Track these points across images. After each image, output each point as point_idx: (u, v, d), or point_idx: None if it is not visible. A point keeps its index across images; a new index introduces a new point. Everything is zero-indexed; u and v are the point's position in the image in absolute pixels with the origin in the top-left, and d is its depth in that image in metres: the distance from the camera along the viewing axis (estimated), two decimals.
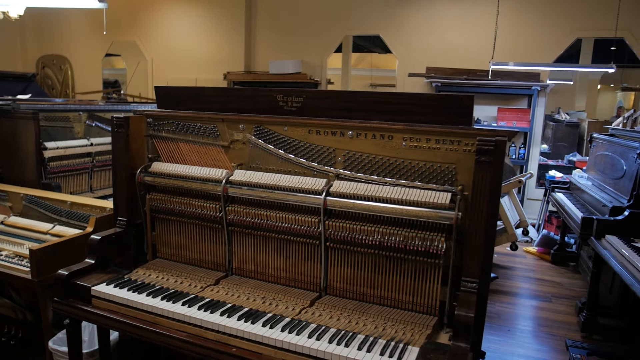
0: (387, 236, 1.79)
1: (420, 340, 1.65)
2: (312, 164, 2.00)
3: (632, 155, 3.39)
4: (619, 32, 5.75)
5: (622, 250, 2.82)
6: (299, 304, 1.91)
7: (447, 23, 6.60)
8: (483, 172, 1.57)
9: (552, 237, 5.29)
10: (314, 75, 7.23)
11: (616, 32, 5.71)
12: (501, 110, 6.36)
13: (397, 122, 1.80)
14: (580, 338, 3.38)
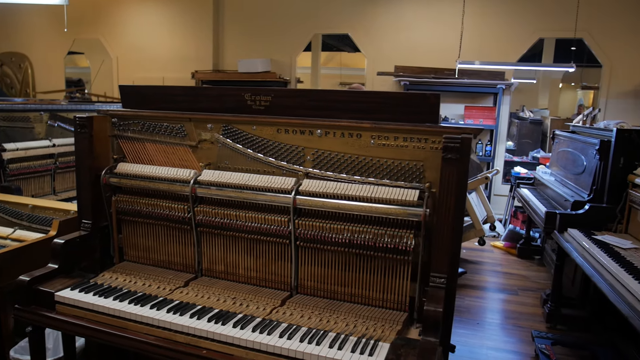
0: (356, 234, 1.80)
1: (391, 336, 1.67)
2: (281, 163, 1.99)
3: (591, 151, 3.51)
4: (578, 32, 5.95)
5: (583, 243, 2.92)
6: (270, 303, 1.91)
7: (415, 22, 6.69)
8: (450, 169, 1.60)
9: (518, 231, 5.43)
10: (283, 74, 7.21)
11: (575, 33, 5.91)
12: (468, 108, 6.49)
13: (365, 120, 1.81)
14: (545, 328, 3.49)
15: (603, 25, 6.08)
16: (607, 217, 3.23)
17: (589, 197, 3.39)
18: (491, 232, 5.02)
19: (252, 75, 7.00)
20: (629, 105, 6.11)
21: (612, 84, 6.18)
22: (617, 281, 2.35)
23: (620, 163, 3.18)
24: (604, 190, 3.28)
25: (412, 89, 6.38)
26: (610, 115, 6.08)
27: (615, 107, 6.16)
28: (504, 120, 6.56)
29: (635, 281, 2.23)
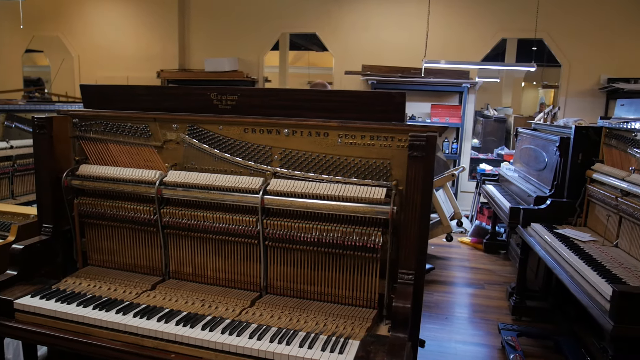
0: (325, 233, 1.80)
1: (361, 334, 1.68)
2: (248, 162, 1.97)
3: (552, 148, 3.62)
4: (538, 33, 6.13)
5: (545, 236, 3.02)
6: (239, 304, 1.89)
7: (381, 22, 6.75)
8: (416, 166, 1.62)
9: (484, 227, 5.56)
10: (251, 73, 7.16)
11: (535, 34, 6.08)
12: (434, 107, 6.59)
13: (333, 119, 1.81)
14: (511, 321, 3.58)
15: (561, 26, 6.28)
16: (567, 211, 3.34)
17: (550, 192, 3.50)
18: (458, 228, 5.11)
19: (220, 75, 6.92)
20: (586, 104, 6.34)
21: (570, 83, 6.39)
22: (577, 272, 2.44)
23: (579, 159, 3.29)
24: (564, 186, 3.39)
25: (380, 88, 6.44)
26: (570, 113, 6.29)
27: (574, 105, 6.38)
28: (469, 118, 6.70)
29: (594, 272, 2.31)
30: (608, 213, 2.92)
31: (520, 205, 3.70)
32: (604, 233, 2.94)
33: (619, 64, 6.19)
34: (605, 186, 2.95)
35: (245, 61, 7.26)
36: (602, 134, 3.21)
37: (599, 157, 3.21)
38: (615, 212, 2.80)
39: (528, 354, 3.05)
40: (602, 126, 3.23)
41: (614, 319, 1.93)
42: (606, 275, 2.26)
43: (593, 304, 2.15)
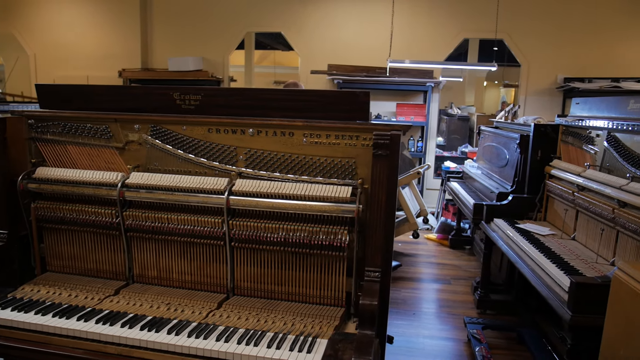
0: (291, 232, 1.80)
1: (329, 332, 1.69)
2: (213, 163, 1.95)
3: (512, 145, 3.73)
4: (498, 34, 6.29)
5: (507, 231, 3.10)
6: (205, 307, 1.87)
7: (346, 21, 6.79)
8: (380, 165, 1.64)
9: (450, 223, 5.67)
10: (215, 72, 7.07)
11: (496, 34, 6.25)
12: (400, 106, 6.68)
13: (298, 119, 1.81)
14: (476, 314, 3.67)
15: (520, 28, 6.47)
16: (528, 206, 3.45)
17: (512, 188, 3.61)
18: (424, 225, 5.21)
19: (184, 74, 6.81)
20: (545, 102, 6.55)
21: (530, 82, 6.59)
22: (537, 265, 2.52)
23: (538, 156, 3.40)
24: (525, 182, 3.50)
25: (346, 87, 6.48)
26: (529, 111, 6.49)
27: (533, 104, 6.59)
28: (433, 117, 6.82)
29: (553, 265, 2.39)
30: (566, 207, 3.03)
31: (484, 201, 3.79)
32: (562, 227, 3.05)
33: (574, 64, 6.43)
34: (563, 182, 3.06)
35: (210, 60, 7.17)
36: (559, 131, 3.33)
37: (557, 154, 3.33)
38: (572, 206, 2.90)
39: (493, 346, 3.13)
40: (559, 124, 3.34)
41: (572, 309, 2.01)
42: (564, 267, 2.34)
43: (552, 295, 2.23)
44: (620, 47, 6.35)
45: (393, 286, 4.17)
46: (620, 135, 2.56)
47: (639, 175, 2.32)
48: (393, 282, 4.26)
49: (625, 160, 2.46)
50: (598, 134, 2.81)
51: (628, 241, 2.30)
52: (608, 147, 2.64)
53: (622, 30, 6.31)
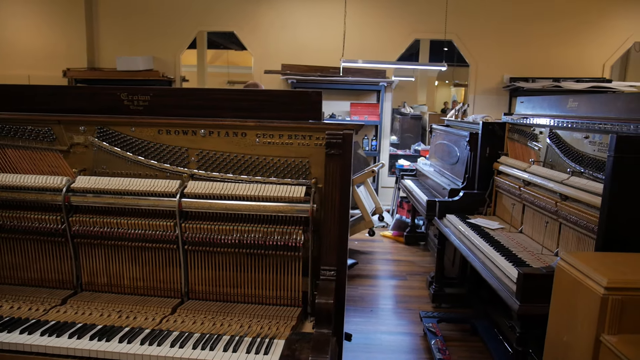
0: (246, 234, 1.78)
1: (286, 333, 1.68)
2: (164, 165, 1.91)
3: (462, 143, 3.85)
4: (447, 35, 6.48)
5: (458, 226, 3.19)
6: (159, 313, 1.82)
7: (300, 21, 6.79)
8: (333, 164, 1.65)
9: (404, 220, 5.79)
10: (167, 72, 6.90)
11: (445, 35, 6.43)
12: (354, 105, 6.75)
13: (250, 119, 1.80)
14: (432, 308, 3.76)
15: (468, 29, 6.68)
16: (478, 202, 3.56)
17: (463, 184, 3.72)
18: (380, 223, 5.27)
19: (133, 74, 6.60)
20: (492, 101, 6.80)
21: (478, 82, 6.82)
22: (487, 258, 2.61)
23: (487, 153, 3.52)
24: (475, 178, 3.61)
25: (300, 87, 6.48)
26: (478, 110, 6.72)
27: (482, 103, 6.82)
28: (387, 116, 6.93)
29: (502, 257, 2.48)
30: (513, 202, 3.15)
31: (436, 198, 3.88)
32: (510, 220, 3.17)
33: (519, 64, 6.70)
34: (510, 177, 3.18)
35: (161, 60, 6.99)
36: (506, 129, 3.46)
37: (504, 151, 3.46)
38: (519, 200, 3.03)
39: (448, 338, 3.21)
40: (505, 122, 3.48)
41: (520, 298, 2.09)
42: (512, 260, 2.44)
43: (502, 287, 2.31)
44: (560, 49, 6.68)
45: (350, 284, 4.21)
46: (560, 132, 2.69)
47: (578, 170, 2.44)
48: (350, 280, 4.31)
49: (565, 155, 2.59)
50: (541, 131, 2.94)
51: (570, 232, 2.42)
52: (550, 143, 2.77)
53: (561, 34, 6.64)
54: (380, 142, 6.82)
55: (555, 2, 6.59)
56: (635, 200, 1.89)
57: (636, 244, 1.90)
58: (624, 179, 1.87)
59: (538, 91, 6.19)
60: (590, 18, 6.61)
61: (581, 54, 6.69)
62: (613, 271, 1.53)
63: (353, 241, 5.46)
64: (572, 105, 2.72)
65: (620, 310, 1.44)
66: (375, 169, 4.57)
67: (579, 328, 1.57)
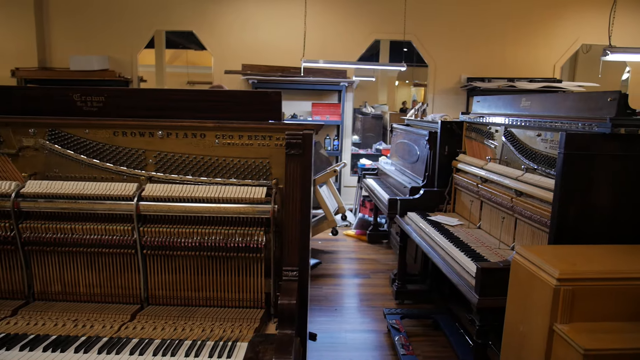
0: (207, 236, 1.76)
1: (249, 335, 1.67)
2: (120, 168, 1.85)
3: (422, 141, 3.92)
4: (406, 35, 6.59)
5: (419, 224, 3.25)
6: (117, 320, 1.77)
7: (260, 21, 6.75)
8: (294, 164, 1.65)
9: (367, 219, 5.85)
10: (123, 72, 6.72)
11: (404, 36, 6.54)
12: (315, 105, 6.77)
13: (209, 120, 1.77)
14: (395, 305, 3.81)
15: (426, 30, 6.82)
16: (438, 199, 3.64)
17: (423, 182, 3.79)
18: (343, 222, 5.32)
19: (88, 74, 6.39)
20: (450, 100, 6.96)
21: (437, 82, 6.97)
22: (448, 255, 2.67)
23: (446, 151, 3.60)
24: (435, 176, 3.69)
25: (261, 87, 6.44)
26: (437, 109, 6.87)
27: (441, 102, 6.98)
28: (348, 115, 6.99)
29: (462, 253, 2.54)
30: (471, 199, 3.23)
31: (398, 196, 3.94)
32: (469, 217, 3.26)
33: (476, 65, 6.90)
34: (468, 175, 3.26)
35: (118, 60, 6.80)
36: (463, 127, 3.55)
37: (462, 149, 3.55)
38: (477, 197, 3.11)
39: (411, 334, 3.27)
40: (463, 121, 3.56)
41: (479, 292, 2.15)
42: (471, 255, 2.50)
43: (462, 282, 2.37)
44: (514, 51, 6.92)
45: (315, 283, 4.22)
46: (515, 130, 2.78)
47: (532, 167, 2.53)
48: (314, 279, 4.31)
49: (520, 153, 2.68)
50: (497, 130, 3.03)
51: (525, 227, 2.51)
52: (505, 141, 2.86)
53: (515, 36, 6.88)
54: (342, 141, 6.87)
55: (509, 5, 6.82)
56: (584, 195, 1.97)
57: (585, 236, 1.99)
58: (573, 174, 1.95)
59: (494, 91, 6.38)
60: (542, 21, 6.88)
61: (534, 55, 6.95)
62: (564, 263, 1.60)
63: (316, 241, 5.48)
64: (525, 105, 2.82)
65: (572, 300, 1.50)
66: (337, 168, 4.59)
67: (534, 318, 1.63)
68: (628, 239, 1.99)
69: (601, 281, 1.53)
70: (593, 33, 6.86)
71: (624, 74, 7.67)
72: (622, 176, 1.96)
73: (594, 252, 1.78)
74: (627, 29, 6.76)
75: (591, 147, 1.94)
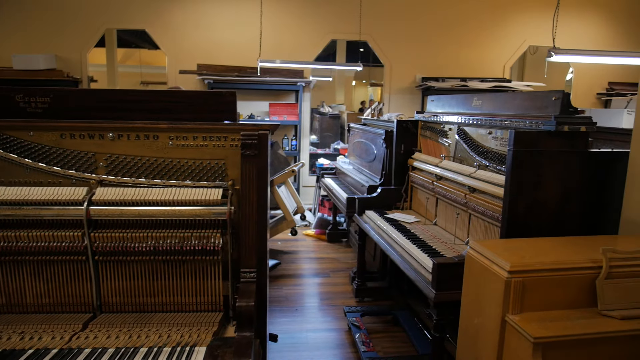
0: (161, 240, 1.72)
1: (207, 339, 1.64)
2: (69, 171, 1.78)
3: (379, 140, 3.97)
4: (362, 36, 6.67)
5: (377, 222, 3.29)
6: (68, 330, 1.70)
7: (215, 20, 6.65)
8: (249, 165, 1.63)
9: (326, 218, 5.87)
10: (72, 72, 6.46)
11: (360, 36, 6.61)
12: (272, 105, 6.74)
13: (162, 120, 1.73)
14: (355, 303, 3.84)
15: (381, 30, 6.92)
16: (395, 197, 3.70)
17: (380, 181, 3.84)
18: (302, 222, 5.32)
19: (33, 74, 6.10)
20: (406, 100, 7.09)
21: (392, 81, 7.08)
22: (405, 251, 2.71)
23: (402, 149, 3.66)
24: (392, 174, 3.74)
25: (217, 88, 6.35)
26: (394, 108, 6.98)
27: (397, 101, 7.09)
28: (306, 115, 6.99)
29: (418, 249, 2.59)
30: (427, 196, 3.30)
31: (356, 195, 3.97)
32: (425, 214, 3.33)
33: (430, 65, 7.06)
34: (423, 172, 3.33)
35: (65, 59, 6.53)
36: (418, 126, 3.62)
37: (418, 147, 3.62)
38: (433, 194, 3.18)
39: (371, 331, 3.30)
40: (418, 120, 3.64)
41: (435, 287, 2.20)
42: (428, 251, 2.56)
43: (419, 277, 2.42)
44: (467, 51, 7.12)
45: (275, 284, 4.20)
46: (467, 128, 2.86)
47: (484, 164, 2.61)
48: (275, 280, 4.29)
49: (472, 150, 2.76)
50: (450, 128, 3.11)
51: (478, 222, 2.58)
52: (459, 139, 2.94)
53: (467, 36, 7.09)
54: (300, 141, 6.87)
55: (462, 7, 7.02)
56: (532, 190, 2.06)
57: (534, 229, 2.07)
58: (522, 170, 2.03)
59: (447, 90, 6.54)
60: (492, 23, 7.12)
61: (485, 56, 7.18)
62: (515, 256, 1.65)
63: (276, 241, 5.45)
64: (477, 104, 2.91)
65: (522, 291, 1.56)
66: (295, 168, 4.58)
67: (488, 310, 1.68)
68: (573, 230, 2.09)
69: (549, 272, 1.59)
70: (539, 35, 7.16)
71: (568, 75, 8.04)
72: (566, 171, 2.06)
73: (542, 244, 1.85)
74: (571, 31, 7.10)
75: (538, 144, 2.02)
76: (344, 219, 5.73)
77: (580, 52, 4.58)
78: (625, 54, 4.86)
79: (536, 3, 7.11)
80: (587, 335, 1.46)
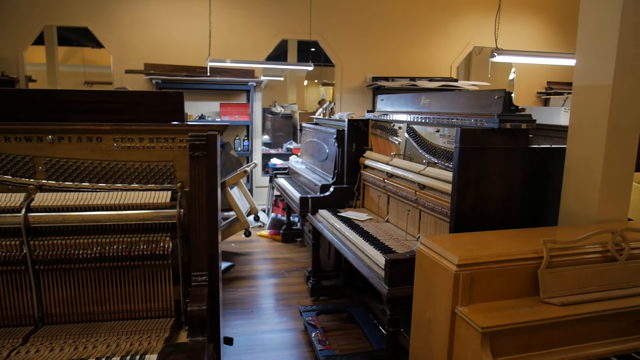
0: (108, 246, 1.65)
1: (159, 346, 1.60)
2: (4, 177, 1.68)
3: (331, 140, 4.00)
4: (313, 35, 6.69)
5: (330, 220, 3.32)
6: (7, 345, 1.61)
7: (163, 19, 6.48)
8: (198, 166, 1.60)
9: (280, 218, 5.85)
10: (8, 71, 6.12)
11: (311, 36, 6.63)
12: (223, 106, 6.64)
13: (105, 122, 1.67)
14: (311, 302, 3.85)
15: (332, 30, 6.97)
16: (348, 195, 3.73)
17: (333, 180, 3.87)
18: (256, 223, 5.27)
19: None
20: (357, 99, 7.18)
21: (344, 81, 7.15)
22: (358, 249, 2.75)
23: (353, 148, 3.70)
24: (344, 173, 3.78)
25: (166, 88, 6.18)
26: (345, 108, 7.05)
27: (348, 101, 7.16)
28: (257, 115, 6.94)
29: (371, 246, 2.63)
30: (379, 194, 3.36)
31: (309, 194, 3.98)
32: (377, 211, 3.38)
33: (380, 64, 7.17)
34: (375, 170, 3.38)
35: (0, 57, 6.17)
36: (369, 125, 3.67)
37: (369, 146, 3.67)
38: (384, 192, 3.23)
39: (327, 329, 3.32)
40: (368, 119, 3.69)
41: (388, 283, 2.24)
42: (380, 248, 2.60)
43: (372, 274, 2.45)
44: (415, 51, 7.29)
45: (229, 287, 4.14)
46: (416, 127, 2.92)
47: (433, 161, 2.68)
48: (229, 282, 4.23)
49: (421, 148, 2.82)
50: (400, 127, 3.17)
51: (428, 218, 2.65)
52: (408, 137, 3.00)
53: (416, 37, 7.26)
54: (252, 142, 6.81)
55: (410, 8, 7.17)
56: (478, 186, 2.13)
57: (481, 223, 2.15)
58: (468, 166, 2.10)
59: (397, 89, 6.67)
60: (439, 24, 7.33)
61: (433, 56, 7.38)
62: (463, 249, 1.71)
63: (229, 243, 5.38)
64: (425, 102, 2.98)
65: (470, 283, 1.61)
66: (247, 169, 4.54)
67: (438, 303, 1.73)
68: (517, 223, 2.18)
69: (495, 264, 1.65)
70: (484, 36, 7.44)
71: (511, 74, 8.40)
72: (509, 167, 2.15)
73: (489, 237, 1.92)
74: (512, 32, 7.42)
75: (482, 141, 2.09)
76: (298, 218, 5.73)
77: (520, 52, 4.79)
78: (560, 55, 5.13)
79: (481, 5, 7.38)
80: (531, 322, 1.52)
